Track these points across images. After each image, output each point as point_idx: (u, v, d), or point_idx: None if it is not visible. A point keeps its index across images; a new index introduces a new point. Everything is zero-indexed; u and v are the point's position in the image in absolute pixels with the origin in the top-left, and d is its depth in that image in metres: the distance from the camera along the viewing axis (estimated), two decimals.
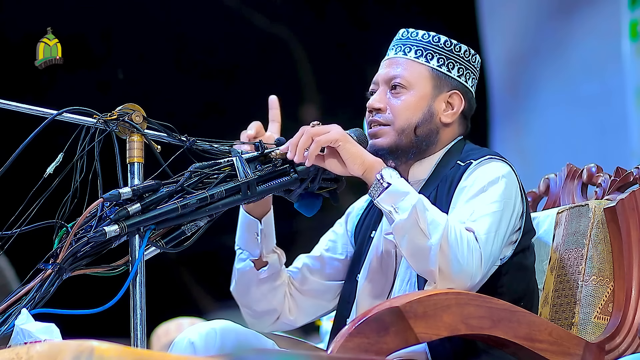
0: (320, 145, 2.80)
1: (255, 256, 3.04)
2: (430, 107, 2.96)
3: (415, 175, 2.97)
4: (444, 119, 2.97)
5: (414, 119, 2.95)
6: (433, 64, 2.98)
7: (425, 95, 2.96)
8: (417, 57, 2.98)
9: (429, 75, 2.98)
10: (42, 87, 6.05)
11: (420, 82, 2.97)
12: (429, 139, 2.96)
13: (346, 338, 2.51)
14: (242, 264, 3.05)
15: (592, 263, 2.99)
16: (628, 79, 6.17)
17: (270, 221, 3.03)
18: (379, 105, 2.97)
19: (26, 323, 2.46)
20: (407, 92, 2.96)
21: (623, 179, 3.10)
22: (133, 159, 2.73)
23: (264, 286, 3.05)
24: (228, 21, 7.03)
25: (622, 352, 2.87)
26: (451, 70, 2.98)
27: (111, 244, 2.69)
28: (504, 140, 6.88)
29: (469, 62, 3.01)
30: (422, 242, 2.69)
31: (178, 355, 2.78)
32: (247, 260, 3.04)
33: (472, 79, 3.02)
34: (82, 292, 3.17)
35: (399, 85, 2.96)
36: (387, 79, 2.99)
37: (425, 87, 2.97)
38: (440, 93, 2.97)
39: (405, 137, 2.94)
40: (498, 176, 2.84)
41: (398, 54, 3.01)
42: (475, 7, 6.97)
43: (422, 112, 2.95)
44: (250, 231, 3.02)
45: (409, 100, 2.95)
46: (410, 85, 2.96)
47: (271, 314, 3.07)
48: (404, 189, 2.76)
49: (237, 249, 3.07)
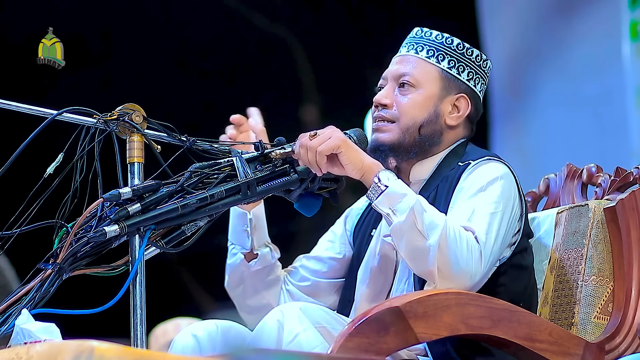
0: (324, 155, 2.80)
1: (247, 249, 3.05)
2: (437, 108, 2.96)
3: (416, 174, 2.98)
4: (449, 121, 2.97)
5: (419, 118, 2.95)
6: (443, 66, 2.98)
7: (432, 96, 2.96)
8: (429, 57, 2.98)
9: (439, 76, 2.97)
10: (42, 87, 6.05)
11: (428, 81, 2.97)
12: (432, 139, 2.96)
13: (346, 338, 2.51)
14: (233, 258, 3.07)
15: (592, 263, 2.99)
16: (628, 79, 6.17)
17: (260, 214, 3.05)
18: (385, 101, 2.97)
19: (26, 323, 2.46)
20: (414, 91, 2.96)
21: (623, 179, 3.10)
22: (133, 159, 2.73)
23: (256, 280, 3.06)
24: (228, 21, 7.03)
25: (622, 352, 2.87)
26: (461, 73, 2.98)
27: (111, 244, 2.68)
28: (504, 140, 6.87)
29: (480, 67, 3.01)
30: (421, 243, 2.69)
31: (178, 355, 2.78)
32: (238, 254, 3.06)
33: (481, 84, 3.02)
34: (82, 292, 3.17)
35: (408, 83, 2.97)
36: (396, 75, 2.99)
37: (434, 87, 2.97)
38: (447, 95, 2.97)
39: (409, 135, 2.94)
40: (497, 177, 2.84)
41: (410, 52, 3.01)
42: (475, 7, 6.97)
43: (427, 112, 2.95)
44: (240, 223, 3.04)
45: (416, 99, 2.96)
46: (418, 84, 2.96)
47: (265, 309, 3.07)
48: (402, 190, 2.76)
49: (230, 244, 3.09)
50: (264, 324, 2.69)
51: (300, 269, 3.13)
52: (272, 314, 2.70)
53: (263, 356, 2.37)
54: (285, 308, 2.70)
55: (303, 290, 3.11)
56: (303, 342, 2.62)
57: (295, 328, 2.64)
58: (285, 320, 2.66)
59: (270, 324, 2.67)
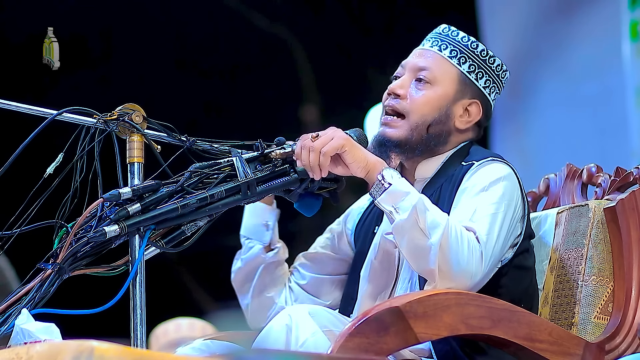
0: (328, 156, 2.80)
1: (266, 242, 3.07)
2: (448, 109, 2.95)
3: (421, 173, 2.97)
4: (459, 124, 2.97)
5: (429, 117, 2.94)
6: (464, 69, 2.97)
7: (446, 96, 2.95)
8: (451, 57, 2.97)
9: (457, 78, 2.97)
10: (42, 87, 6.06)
11: (446, 81, 2.96)
12: (438, 139, 2.95)
13: (346, 338, 2.51)
14: (250, 251, 3.08)
15: (592, 263, 2.99)
16: (628, 79, 6.17)
17: (277, 213, 3.08)
18: (400, 91, 2.96)
19: (26, 323, 2.46)
20: (430, 87, 2.95)
21: (623, 179, 3.10)
22: (133, 159, 2.73)
23: (267, 273, 3.07)
24: (228, 21, 7.03)
25: (622, 352, 2.87)
26: (479, 79, 2.98)
27: (111, 244, 2.68)
28: (504, 140, 6.87)
29: (499, 76, 3.01)
30: (422, 242, 2.69)
31: (178, 355, 2.78)
32: (255, 246, 3.07)
33: (495, 94, 3.02)
34: (82, 292, 3.17)
35: (425, 78, 2.95)
36: (415, 68, 2.98)
37: (450, 87, 2.96)
38: (462, 98, 2.97)
39: (417, 133, 2.93)
40: (499, 177, 2.84)
41: (433, 48, 3.00)
42: (475, 7, 6.97)
43: (438, 112, 2.94)
44: (260, 218, 3.05)
45: (430, 96, 2.95)
46: (435, 81, 2.95)
47: (268, 303, 3.07)
48: (405, 188, 2.76)
49: (245, 239, 3.09)
50: (271, 327, 2.68)
51: (300, 268, 3.13)
52: (279, 317, 2.68)
53: (263, 356, 2.37)
54: (293, 312, 2.68)
55: (304, 288, 3.11)
56: (311, 347, 2.61)
57: (304, 333, 2.63)
58: (293, 324, 2.65)
59: (278, 328, 2.65)
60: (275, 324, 2.66)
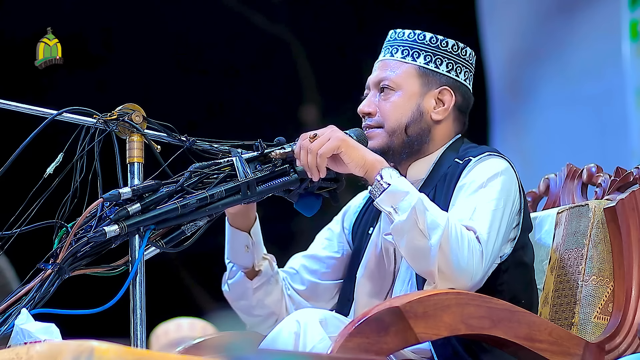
0: (325, 158, 2.80)
1: (248, 267, 3.03)
2: (419, 106, 2.97)
3: (413, 175, 2.97)
4: (435, 116, 2.98)
5: (403, 119, 2.95)
6: (420, 62, 2.98)
7: (413, 94, 2.97)
8: (404, 57, 2.99)
9: (416, 74, 2.98)
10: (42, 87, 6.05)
11: (407, 81, 2.98)
12: (420, 138, 2.96)
13: (346, 338, 2.51)
14: (234, 278, 3.04)
15: (592, 263, 2.99)
16: (628, 79, 6.17)
17: (257, 231, 3.02)
18: (368, 109, 2.99)
19: (26, 323, 2.46)
20: (394, 93, 2.97)
21: (623, 179, 3.10)
22: (133, 159, 2.73)
23: (258, 293, 3.04)
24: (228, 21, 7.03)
25: (622, 352, 2.87)
26: (439, 66, 2.99)
27: (111, 244, 2.68)
28: (504, 140, 6.87)
29: (459, 56, 3.01)
30: (422, 243, 2.69)
31: (178, 355, 2.78)
32: (238, 272, 3.04)
33: (464, 72, 3.02)
34: (82, 292, 3.17)
35: (387, 87, 2.98)
36: (376, 82, 3.01)
37: (413, 85, 2.97)
38: (429, 90, 2.98)
39: (396, 137, 2.95)
40: (497, 172, 2.85)
41: (386, 56, 3.03)
42: (475, 7, 6.97)
43: (411, 112, 2.96)
44: (239, 244, 3.01)
45: (397, 101, 2.96)
46: (397, 85, 2.97)
47: (269, 317, 3.06)
48: (404, 188, 2.76)
49: (229, 263, 3.06)
50: (279, 333, 2.68)
51: (300, 271, 3.12)
52: (287, 324, 2.68)
53: (263, 356, 2.37)
54: (302, 318, 2.69)
55: (303, 294, 3.10)
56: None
57: (312, 339, 2.63)
58: (301, 330, 2.65)
59: (286, 335, 2.66)
60: (284, 330, 2.67)
